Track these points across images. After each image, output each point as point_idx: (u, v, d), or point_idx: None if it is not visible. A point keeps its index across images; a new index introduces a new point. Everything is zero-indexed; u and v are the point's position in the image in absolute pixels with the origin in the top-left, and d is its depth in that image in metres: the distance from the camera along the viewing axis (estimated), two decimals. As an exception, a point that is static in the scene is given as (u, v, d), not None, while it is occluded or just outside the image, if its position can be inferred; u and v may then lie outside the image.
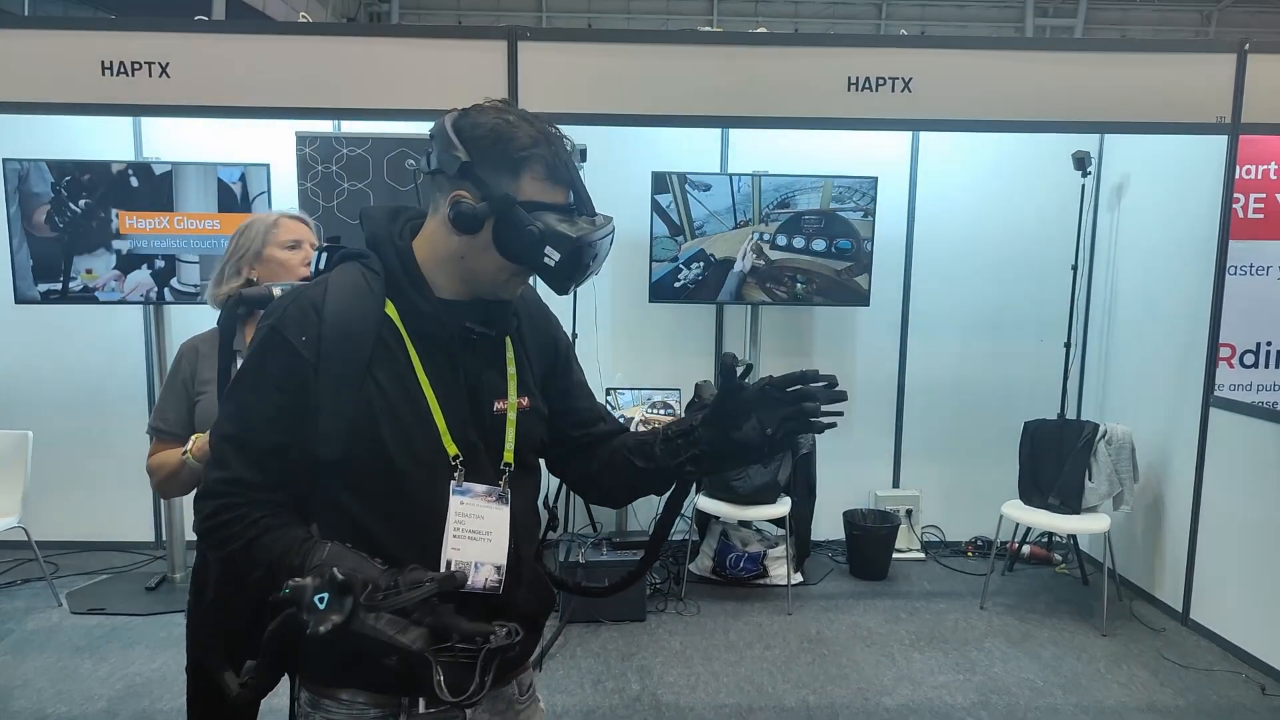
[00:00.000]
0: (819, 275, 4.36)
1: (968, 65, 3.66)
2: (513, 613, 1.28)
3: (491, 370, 1.33)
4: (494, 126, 1.24)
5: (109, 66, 3.43)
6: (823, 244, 4.33)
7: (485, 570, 1.28)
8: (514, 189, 1.23)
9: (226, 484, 1.22)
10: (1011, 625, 3.95)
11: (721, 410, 1.28)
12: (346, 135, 4.00)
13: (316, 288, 1.26)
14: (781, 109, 3.63)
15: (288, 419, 1.21)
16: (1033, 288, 4.70)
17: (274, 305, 1.27)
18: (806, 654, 3.65)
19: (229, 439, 1.24)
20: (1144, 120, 3.71)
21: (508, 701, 1.39)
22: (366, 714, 1.27)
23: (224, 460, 1.23)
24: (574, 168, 1.28)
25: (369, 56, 3.53)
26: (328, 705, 1.28)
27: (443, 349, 1.28)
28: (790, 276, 4.35)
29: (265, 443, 1.22)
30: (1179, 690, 3.40)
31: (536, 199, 1.24)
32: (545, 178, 1.24)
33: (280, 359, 1.22)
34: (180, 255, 3.96)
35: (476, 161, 1.23)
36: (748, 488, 4.08)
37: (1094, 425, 4.11)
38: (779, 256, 4.33)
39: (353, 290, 1.26)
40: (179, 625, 1.75)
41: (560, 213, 1.25)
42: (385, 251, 1.29)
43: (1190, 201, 3.98)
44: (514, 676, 1.40)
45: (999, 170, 4.65)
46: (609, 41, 3.72)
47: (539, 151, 1.24)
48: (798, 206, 4.31)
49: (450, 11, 12.85)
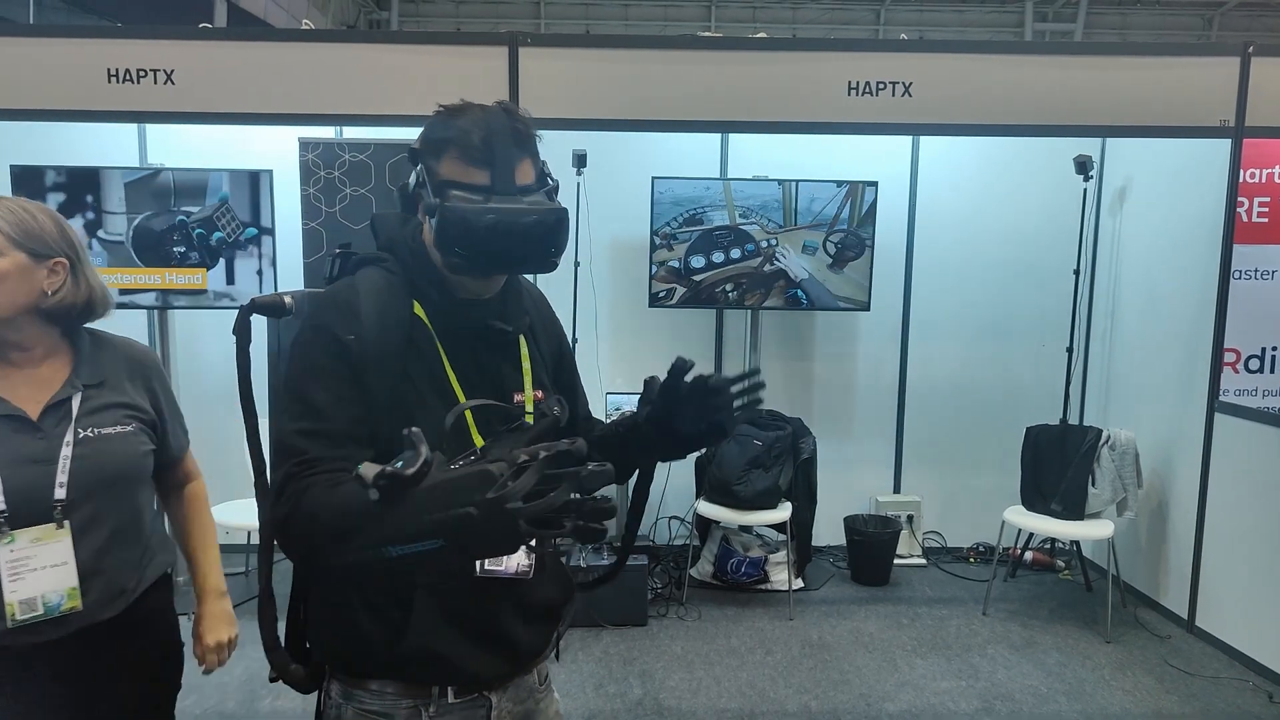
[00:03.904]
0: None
1: (968, 69, 3.66)
2: (537, 601, 1.35)
3: (508, 365, 1.38)
4: (443, 114, 1.28)
5: (114, 74, 3.44)
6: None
7: (517, 557, 1.31)
8: (437, 170, 1.26)
9: (300, 464, 1.19)
10: (1014, 631, 3.94)
11: (663, 405, 1.37)
12: (349, 141, 4.00)
13: (349, 290, 1.29)
14: (781, 114, 3.63)
15: (354, 407, 1.23)
16: (1035, 292, 4.69)
17: (312, 309, 1.30)
18: (808, 659, 3.64)
19: (303, 433, 1.21)
20: (1146, 124, 3.70)
21: (528, 690, 1.43)
22: (399, 704, 1.30)
23: (298, 449, 1.20)
24: (500, 148, 1.24)
25: (370, 63, 3.54)
26: (360, 696, 1.31)
27: (467, 345, 1.33)
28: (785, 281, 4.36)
29: (341, 425, 1.22)
30: (1184, 698, 3.39)
31: (453, 179, 1.25)
32: (460, 158, 1.25)
33: (333, 354, 1.24)
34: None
35: (421, 148, 1.29)
36: (749, 493, 4.07)
37: (1097, 430, 4.10)
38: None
39: (382, 292, 1.29)
40: (183, 627, 1.78)
41: (472, 191, 1.23)
42: (403, 254, 1.33)
43: (1193, 205, 3.98)
44: (534, 665, 1.44)
45: (1000, 174, 4.65)
46: (609, 47, 3.73)
47: (459, 133, 1.25)
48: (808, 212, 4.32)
49: (449, 19, 12.90)
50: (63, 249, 1.54)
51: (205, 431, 4.33)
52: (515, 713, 1.40)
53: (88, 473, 1.51)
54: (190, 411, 1.81)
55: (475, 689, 1.34)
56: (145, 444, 1.61)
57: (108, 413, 1.56)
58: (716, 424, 1.37)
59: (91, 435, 1.53)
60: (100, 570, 1.54)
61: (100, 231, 3.91)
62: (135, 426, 1.59)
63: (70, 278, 1.54)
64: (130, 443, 1.58)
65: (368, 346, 1.24)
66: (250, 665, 3.40)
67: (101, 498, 1.53)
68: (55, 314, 1.54)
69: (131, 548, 1.60)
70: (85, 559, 1.51)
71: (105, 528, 1.55)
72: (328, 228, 3.96)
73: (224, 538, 3.97)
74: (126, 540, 1.59)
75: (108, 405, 1.57)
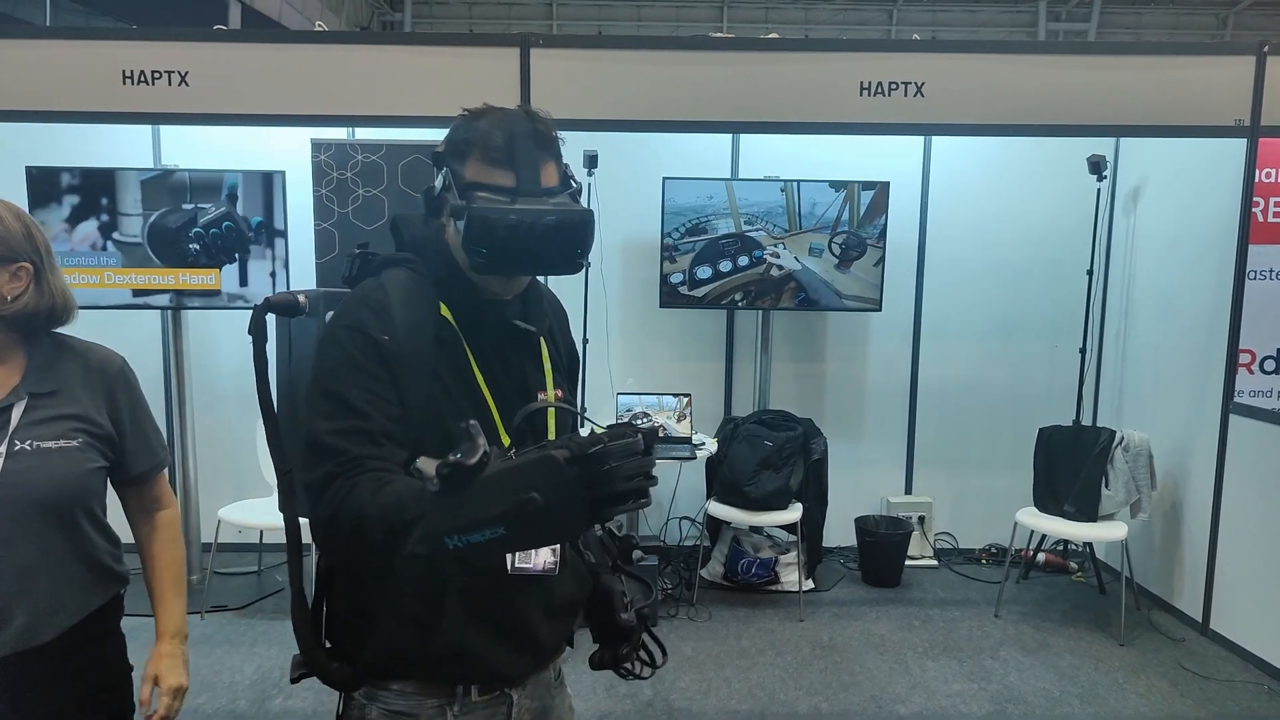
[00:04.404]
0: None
1: (981, 69, 3.65)
2: (560, 597, 1.37)
3: (531, 363, 1.39)
4: (467, 117, 1.30)
5: (129, 75, 3.47)
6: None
7: (544, 553, 1.33)
8: (462, 172, 1.28)
9: (342, 464, 1.19)
10: (1027, 634, 3.92)
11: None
12: (361, 142, 4.02)
13: (379, 291, 1.30)
14: (793, 114, 3.63)
15: (390, 406, 1.24)
16: (1047, 292, 4.67)
17: (343, 308, 1.30)
18: (819, 661, 3.63)
19: (341, 432, 1.21)
20: (1161, 124, 3.68)
21: (545, 686, 1.45)
22: (424, 703, 1.31)
23: (338, 449, 1.20)
24: (523, 150, 1.26)
25: (385, 65, 3.56)
26: (384, 695, 1.32)
27: (493, 345, 1.34)
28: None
29: (380, 424, 1.22)
30: (1199, 701, 3.37)
31: (478, 181, 1.26)
32: (484, 160, 1.26)
33: (371, 355, 1.25)
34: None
35: (445, 151, 1.30)
36: (760, 493, 4.07)
37: (1110, 432, 4.08)
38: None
39: (411, 292, 1.30)
40: (197, 626, 1.75)
41: (497, 193, 1.25)
42: (429, 254, 1.34)
43: (1209, 205, 3.95)
44: (554, 660, 1.46)
45: (1013, 174, 4.63)
46: (621, 48, 3.73)
47: (481, 135, 1.27)
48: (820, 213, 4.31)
49: (461, 20, 12.93)
50: (27, 254, 1.47)
51: (217, 432, 4.42)
52: (533, 709, 1.41)
53: (15, 487, 1.41)
54: (202, 412, 1.79)
55: (499, 686, 1.35)
56: (93, 460, 1.50)
57: (52, 424, 1.46)
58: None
59: (28, 449, 1.43)
60: (25, 591, 1.44)
61: (115, 233, 3.94)
62: (82, 441, 1.49)
63: (34, 284, 1.47)
64: (72, 458, 1.47)
65: (401, 346, 1.25)
66: (262, 664, 3.42)
67: (30, 515, 1.43)
68: (17, 320, 1.47)
69: (66, 568, 1.48)
70: (7, 579, 1.42)
71: (32, 546, 1.44)
72: (340, 228, 3.98)
73: (236, 536, 4.05)
74: (61, 560, 1.48)
75: (55, 417, 1.47)
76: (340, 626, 1.35)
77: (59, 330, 1.56)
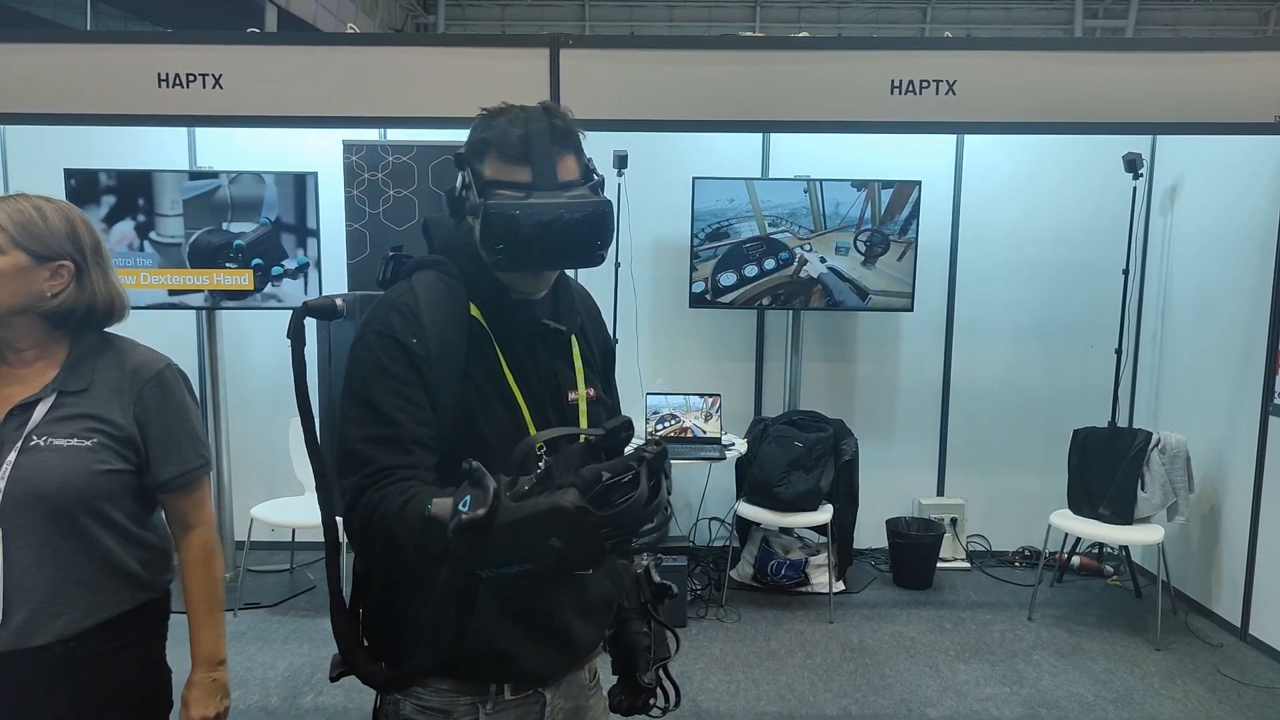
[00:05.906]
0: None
1: (1013, 67, 3.60)
2: (594, 595, 1.38)
3: (561, 363, 1.39)
4: (485, 116, 1.30)
5: (165, 78, 3.52)
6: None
7: None
8: (481, 171, 1.28)
9: (371, 475, 1.20)
10: (1060, 638, 3.86)
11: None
12: (392, 143, 4.06)
13: (408, 294, 1.30)
14: (823, 113, 3.60)
15: (420, 411, 1.25)
16: (1082, 292, 4.61)
17: (372, 313, 1.30)
18: (849, 663, 3.61)
19: (370, 439, 1.22)
20: (1199, 120, 3.61)
21: (579, 687, 1.45)
22: (457, 701, 1.32)
23: (367, 458, 1.21)
24: (538, 145, 1.25)
25: (414, 65, 3.58)
26: (418, 692, 1.33)
27: (524, 345, 1.35)
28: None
29: (409, 430, 1.23)
30: (1237, 708, 3.30)
31: (496, 178, 1.26)
32: (500, 157, 1.26)
33: (400, 359, 1.25)
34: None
35: (465, 152, 1.31)
36: (789, 494, 4.05)
37: (1147, 434, 4.01)
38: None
39: (442, 295, 1.30)
40: (229, 624, 1.77)
41: (514, 189, 1.25)
42: (460, 256, 1.34)
43: (1247, 203, 3.88)
44: (588, 659, 1.46)
45: (1046, 172, 4.57)
46: (650, 48, 3.73)
47: (497, 133, 1.27)
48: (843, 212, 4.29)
49: (494, 21, 13.01)
50: (69, 252, 1.47)
51: (252, 431, 4.48)
52: (567, 709, 1.41)
53: (22, 482, 1.40)
54: (236, 411, 1.78)
55: (532, 685, 1.36)
56: (105, 462, 1.46)
57: (71, 423, 1.45)
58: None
59: (41, 444, 1.42)
60: (25, 588, 1.42)
61: (152, 233, 4.01)
62: (96, 441, 1.45)
63: (74, 281, 1.48)
64: (80, 457, 1.44)
65: (431, 349, 1.25)
66: (294, 661, 3.46)
67: (33, 511, 1.41)
68: (55, 317, 1.48)
69: (73, 569, 1.45)
70: (14, 575, 1.41)
71: (34, 543, 1.42)
72: (371, 229, 4.02)
73: (269, 535, 4.09)
74: (67, 560, 1.44)
75: (75, 415, 1.46)
76: (376, 627, 1.36)
77: (111, 330, 1.56)
